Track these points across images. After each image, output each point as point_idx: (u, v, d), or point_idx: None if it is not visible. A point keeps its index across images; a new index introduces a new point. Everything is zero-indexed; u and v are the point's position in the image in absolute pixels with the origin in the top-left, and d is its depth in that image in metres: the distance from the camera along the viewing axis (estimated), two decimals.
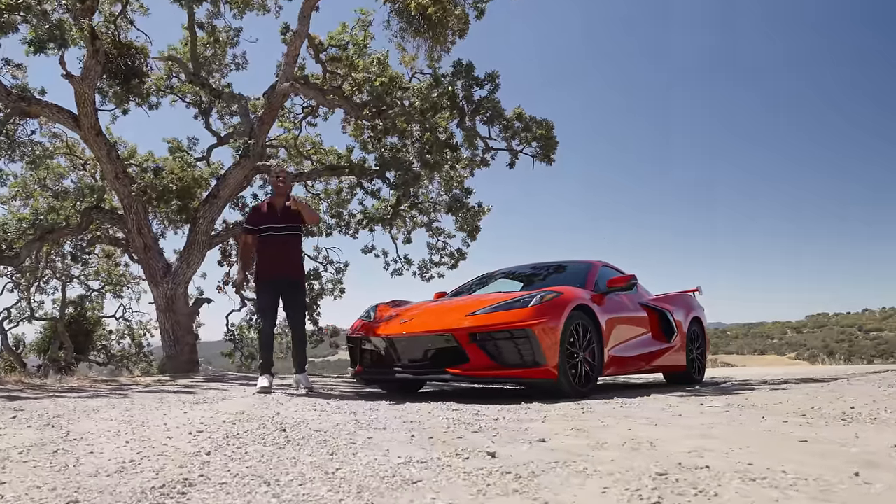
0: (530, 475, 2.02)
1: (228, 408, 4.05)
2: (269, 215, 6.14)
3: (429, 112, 9.01)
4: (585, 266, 6.69)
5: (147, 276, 10.74)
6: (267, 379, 5.82)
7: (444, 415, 3.58)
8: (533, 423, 3.22)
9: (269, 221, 6.11)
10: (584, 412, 3.70)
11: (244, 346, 14.76)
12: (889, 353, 57.88)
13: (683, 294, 7.75)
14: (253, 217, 6.30)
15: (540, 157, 9.18)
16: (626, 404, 4.22)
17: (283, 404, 4.34)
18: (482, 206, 11.82)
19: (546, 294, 5.21)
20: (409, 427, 3.04)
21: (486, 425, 3.07)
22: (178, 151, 12.74)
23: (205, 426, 3.02)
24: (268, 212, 6.18)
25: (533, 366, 4.90)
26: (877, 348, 75.96)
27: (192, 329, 11.44)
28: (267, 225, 6.11)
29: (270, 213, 6.16)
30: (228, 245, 13.66)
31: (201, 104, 12.84)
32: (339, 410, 3.86)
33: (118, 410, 3.82)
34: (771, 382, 6.96)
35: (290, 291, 6.11)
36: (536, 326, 4.91)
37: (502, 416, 3.44)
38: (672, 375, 7.32)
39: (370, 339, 5.64)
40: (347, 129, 12.25)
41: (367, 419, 3.35)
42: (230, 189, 10.73)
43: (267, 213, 6.18)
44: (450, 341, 5.09)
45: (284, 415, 3.57)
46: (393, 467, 2.10)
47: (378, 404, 4.47)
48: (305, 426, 3.02)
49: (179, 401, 4.54)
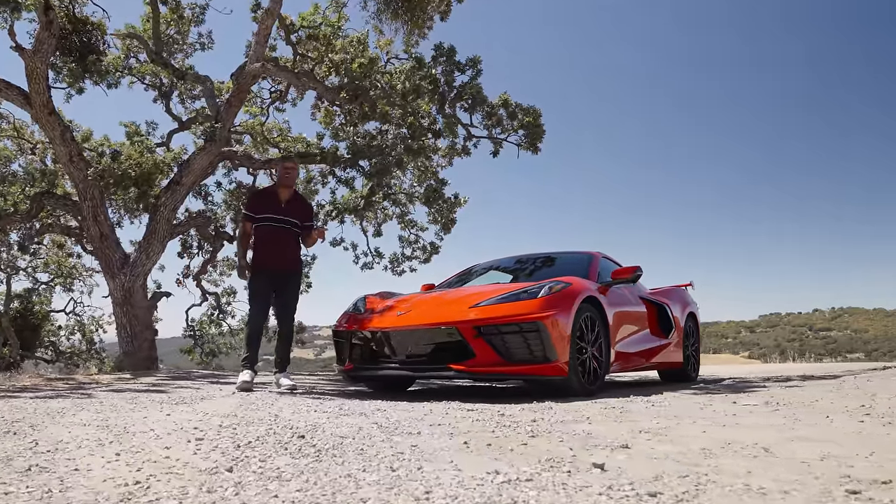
0: (685, 495, 1.61)
1: (214, 409, 3.58)
2: (272, 205, 5.69)
3: (410, 95, 8.56)
4: (586, 257, 6.34)
5: (103, 267, 10.07)
6: (249, 375, 5.35)
7: (469, 416, 3.18)
8: (581, 424, 2.84)
9: (270, 211, 5.66)
10: (623, 412, 3.34)
11: (205, 343, 14.10)
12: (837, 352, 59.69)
13: (678, 288, 7.48)
14: (254, 204, 5.81)
15: (526, 145, 8.80)
16: (655, 403, 3.88)
17: (273, 405, 3.88)
18: (458, 197, 11.44)
19: (555, 284, 4.83)
20: (445, 431, 2.62)
21: (534, 429, 2.68)
22: (136, 136, 12.03)
23: (201, 432, 2.56)
24: (270, 201, 5.72)
25: (542, 361, 4.51)
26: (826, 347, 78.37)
27: (151, 324, 10.79)
28: (268, 214, 5.66)
29: (273, 202, 5.70)
30: (189, 236, 12.99)
31: (162, 86, 12.16)
32: (346, 412, 3.41)
33: (88, 413, 3.30)
34: (777, 380, 6.75)
35: (285, 283, 5.66)
36: (546, 319, 4.52)
37: (540, 418, 3.05)
38: (668, 372, 7.04)
39: (361, 333, 5.18)
40: (317, 115, 11.73)
41: (387, 422, 2.91)
42: (194, 176, 10.11)
43: (269, 202, 5.72)
44: (453, 335, 4.66)
45: (286, 417, 3.12)
46: (496, 487, 1.66)
47: (379, 404, 4.04)
48: (323, 431, 2.57)
49: (153, 401, 4.04)
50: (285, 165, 5.78)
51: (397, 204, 12.13)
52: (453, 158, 10.06)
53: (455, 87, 9.35)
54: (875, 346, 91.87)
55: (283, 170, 5.75)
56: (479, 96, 9.00)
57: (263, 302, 5.65)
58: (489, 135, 9.51)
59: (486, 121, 9.32)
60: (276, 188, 5.80)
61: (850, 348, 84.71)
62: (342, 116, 11.30)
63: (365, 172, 10.73)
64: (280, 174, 5.79)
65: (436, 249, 12.68)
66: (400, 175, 11.69)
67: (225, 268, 14.07)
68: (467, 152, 9.57)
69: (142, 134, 12.10)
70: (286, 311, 5.67)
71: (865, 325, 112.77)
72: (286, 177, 5.72)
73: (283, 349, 5.65)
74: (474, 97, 9.12)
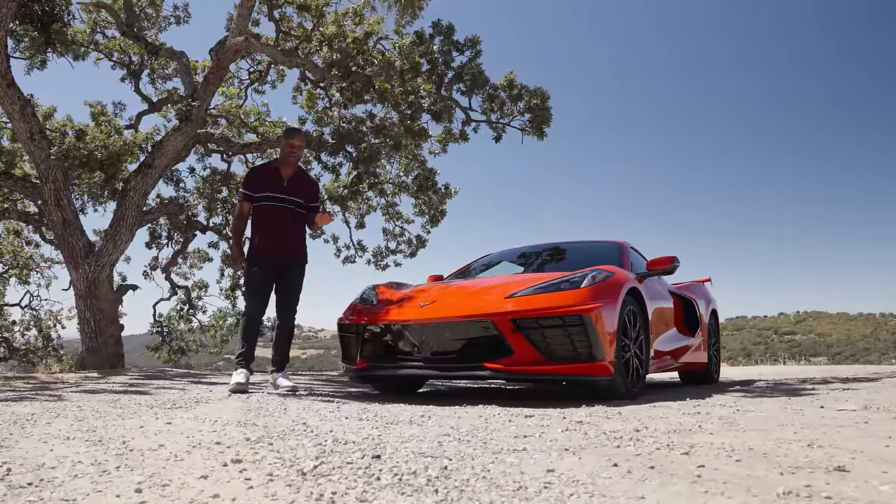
0: None
1: (218, 414, 2.94)
2: (274, 183, 5.01)
3: (408, 74, 7.94)
4: (615, 246, 5.81)
5: (65, 256, 9.24)
6: (244, 375, 4.72)
7: (549, 424, 2.60)
8: (697, 435, 2.29)
9: (272, 189, 5.00)
10: (728, 421, 2.78)
11: (173, 340, 13.26)
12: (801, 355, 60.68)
13: (700, 284, 7.01)
14: (253, 181, 5.12)
15: (531, 130, 8.25)
16: (743, 408, 3.33)
17: (287, 409, 3.25)
18: (449, 187, 10.86)
19: (597, 273, 4.28)
20: (559, 447, 2.03)
21: (669, 442, 2.11)
22: (102, 117, 11.18)
23: (230, 449, 1.94)
24: (271, 178, 5.04)
25: (587, 360, 3.94)
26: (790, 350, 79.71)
27: (117, 318, 9.99)
28: (269, 193, 5.00)
29: (275, 180, 5.03)
30: (158, 225, 12.16)
31: (131, 64, 11.31)
32: (390, 420, 2.80)
33: (67, 421, 2.64)
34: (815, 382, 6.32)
35: (289, 271, 5.01)
36: (592, 311, 3.96)
37: (643, 427, 2.47)
38: (691, 374, 6.55)
39: (376, 327, 4.55)
40: (299, 98, 11.05)
41: (464, 434, 2.31)
42: (167, 158, 9.33)
43: (270, 179, 5.04)
44: (488, 329, 4.05)
45: (319, 426, 2.51)
46: None
47: (411, 410, 3.44)
48: (395, 449, 1.96)
49: (139, 405, 3.38)
50: (291, 143, 5.04)
51: (383, 194, 11.49)
52: (448, 144, 9.44)
53: (453, 68, 8.76)
54: (838, 350, 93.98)
55: (289, 147, 5.03)
56: (481, 77, 8.42)
57: (263, 292, 4.99)
58: (488, 119, 8.94)
59: (486, 104, 8.73)
60: (277, 164, 5.14)
61: (814, 352, 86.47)
62: (327, 100, 10.64)
63: (352, 158, 10.08)
64: (284, 152, 5.07)
65: (422, 243, 12.09)
66: (385, 164, 11.07)
67: (196, 260, 13.25)
68: (465, 138, 8.97)
69: (108, 115, 11.24)
70: (289, 303, 5.01)
71: (829, 329, 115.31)
72: (292, 155, 5.05)
73: (283, 346, 5.00)
74: (474, 78, 8.53)
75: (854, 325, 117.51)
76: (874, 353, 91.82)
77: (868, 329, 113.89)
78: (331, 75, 8.13)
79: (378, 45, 8.84)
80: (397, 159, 10.88)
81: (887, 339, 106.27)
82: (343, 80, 8.05)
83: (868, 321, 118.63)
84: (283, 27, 9.79)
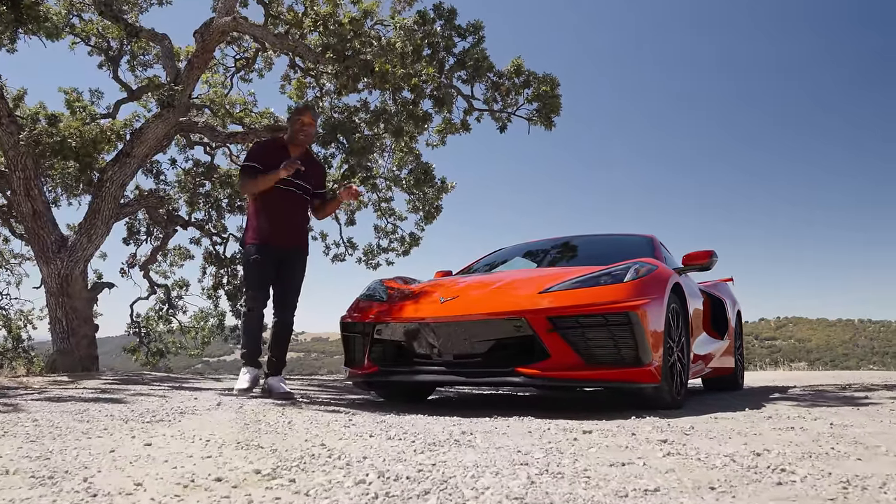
0: None
1: (210, 431, 2.38)
2: (282, 162, 4.42)
3: (409, 58, 7.39)
4: (645, 240, 5.30)
5: (35, 250, 8.60)
6: (250, 376, 4.29)
7: (618, 441, 2.08)
8: (847, 462, 1.78)
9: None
10: (851, 434, 2.27)
11: (151, 341, 12.57)
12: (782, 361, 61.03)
13: (725, 283, 6.52)
14: (260, 155, 4.55)
15: (539, 119, 7.72)
16: (833, 422, 2.83)
17: (293, 424, 2.69)
18: (446, 182, 10.31)
19: (640, 266, 3.77)
20: (682, 481, 1.53)
21: (813, 476, 1.61)
22: (77, 103, 10.50)
23: (237, 489, 1.39)
24: (280, 157, 4.46)
25: (633, 364, 3.42)
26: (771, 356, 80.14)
27: (91, 318, 9.34)
28: None
29: (283, 160, 4.43)
30: (137, 220, 11.49)
31: (109, 50, 10.64)
32: (427, 438, 2.25)
33: (14, 442, 2.06)
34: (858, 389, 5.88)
35: (290, 264, 4.49)
36: (639, 308, 3.44)
37: (767, 449, 1.95)
38: (717, 380, 6.05)
39: (388, 326, 3.99)
40: (288, 88, 10.45)
41: (532, 459, 1.79)
42: (147, 147, 8.70)
43: (279, 158, 4.46)
44: (521, 328, 3.51)
45: (343, 449, 1.96)
46: None
47: (435, 422, 2.90)
48: (475, 488, 1.43)
49: (113, 418, 2.80)
50: (302, 120, 4.53)
51: (376, 189, 10.92)
52: (447, 135, 8.88)
53: (454, 54, 8.21)
54: (817, 356, 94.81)
55: (299, 124, 4.52)
56: (485, 63, 7.88)
57: (265, 283, 4.46)
58: (490, 108, 8.40)
59: (489, 92, 8.19)
60: (285, 142, 4.59)
61: (794, 357, 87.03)
62: (318, 89, 10.06)
63: (344, 149, 9.50)
64: (294, 129, 4.55)
65: (416, 241, 11.53)
66: (378, 159, 10.51)
67: (177, 257, 12.57)
68: (467, 128, 8.42)
69: (84, 102, 10.56)
70: (288, 298, 4.46)
71: (808, 335, 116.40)
72: (302, 133, 4.50)
73: (280, 346, 4.43)
74: (477, 64, 7.99)
75: (833, 330, 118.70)
76: (853, 358, 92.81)
77: (847, 335, 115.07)
78: (325, 59, 7.55)
79: (375, 28, 8.29)
80: (391, 153, 10.33)
81: (865, 344, 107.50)
82: (338, 64, 7.47)
83: (847, 327, 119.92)
84: (273, 11, 9.21)
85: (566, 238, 5.74)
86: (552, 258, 5.40)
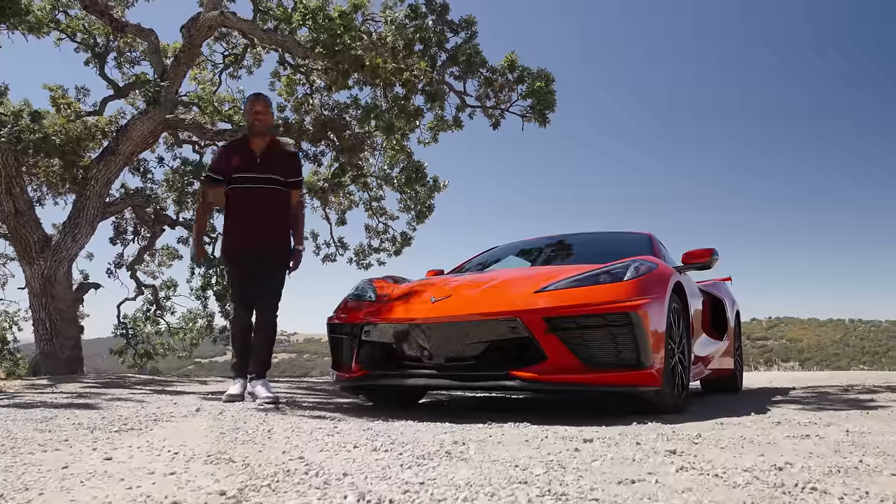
0: None
1: (182, 441, 2.21)
2: (245, 160, 4.29)
3: (401, 53, 7.22)
4: (643, 237, 5.14)
5: (18, 250, 8.41)
6: (241, 385, 4.16)
7: (622, 453, 1.92)
8: (881, 478, 1.62)
9: (243, 168, 4.27)
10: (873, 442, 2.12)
11: (139, 343, 12.36)
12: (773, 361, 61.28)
13: (723, 282, 6.37)
14: (221, 161, 4.41)
15: (533, 116, 7.56)
16: (853, 430, 2.66)
17: (273, 432, 2.53)
18: (438, 181, 10.15)
19: (640, 264, 3.60)
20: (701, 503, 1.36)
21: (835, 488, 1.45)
22: (62, 100, 10.28)
23: None
24: (243, 155, 4.32)
25: (633, 367, 3.25)
26: (763, 356, 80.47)
27: (76, 319, 9.14)
28: (241, 174, 4.28)
29: (246, 156, 4.30)
30: (124, 219, 11.28)
31: (96, 46, 10.44)
32: (415, 450, 2.08)
33: None
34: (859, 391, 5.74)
35: (268, 264, 4.28)
36: (639, 308, 3.27)
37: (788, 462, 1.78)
38: (715, 381, 5.89)
39: (377, 327, 3.81)
40: (278, 85, 10.26)
41: (532, 476, 1.62)
42: (133, 144, 8.51)
43: (242, 156, 4.32)
44: (516, 329, 3.32)
45: (318, 462, 1.79)
46: None
47: (426, 429, 2.73)
48: None
49: (79, 426, 2.62)
50: (255, 109, 4.35)
51: (367, 188, 10.74)
52: (439, 133, 8.71)
53: (447, 50, 8.04)
54: (808, 356, 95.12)
55: (252, 115, 4.33)
56: (478, 58, 7.72)
57: (245, 293, 4.33)
58: (483, 104, 8.24)
59: (482, 88, 8.03)
60: (247, 138, 4.42)
61: (785, 357, 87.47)
62: (308, 86, 9.88)
63: (334, 147, 9.32)
64: (249, 119, 4.38)
65: (408, 241, 11.37)
66: (369, 157, 10.33)
67: (164, 257, 12.37)
68: (459, 125, 8.25)
69: (69, 98, 10.34)
70: (267, 300, 4.25)
71: (800, 335, 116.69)
72: (257, 121, 4.32)
73: (263, 349, 4.24)
74: (470, 60, 7.83)
75: (824, 330, 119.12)
76: (844, 358, 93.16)
77: (838, 335, 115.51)
78: (314, 54, 7.37)
79: (366, 24, 8.11)
80: (382, 150, 10.15)
81: (856, 344, 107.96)
82: (327, 60, 7.29)
83: (838, 327, 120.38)
84: (262, 6, 9.02)
85: (562, 236, 5.57)
86: (547, 256, 5.23)
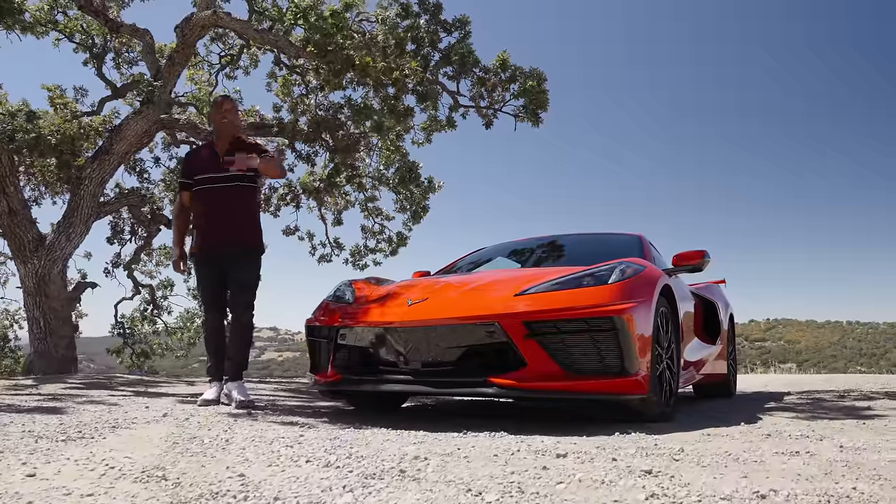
0: None
1: (126, 455, 2.14)
2: (210, 162, 4.28)
3: (392, 52, 7.14)
4: (633, 239, 5.05)
5: (12, 249, 8.41)
6: (216, 389, 4.16)
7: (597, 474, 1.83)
8: None
9: (209, 170, 4.26)
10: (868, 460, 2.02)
11: (136, 342, 12.33)
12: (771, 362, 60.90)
13: (716, 285, 6.25)
14: (189, 165, 4.45)
15: (525, 115, 7.48)
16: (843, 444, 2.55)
17: (229, 444, 2.46)
18: (433, 181, 10.06)
19: (626, 267, 3.52)
20: None
21: None
22: (59, 100, 10.24)
23: None
24: (208, 157, 4.32)
25: (618, 374, 3.16)
26: (761, 357, 79.89)
27: (71, 319, 9.12)
28: (206, 175, 4.26)
29: (211, 159, 4.29)
30: (121, 219, 11.25)
31: (93, 47, 10.42)
32: (368, 467, 1.99)
33: None
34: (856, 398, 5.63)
35: (237, 264, 4.23)
36: (624, 313, 3.18)
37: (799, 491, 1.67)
38: (708, 387, 5.77)
39: (353, 330, 3.73)
40: (274, 86, 10.20)
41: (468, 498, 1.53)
42: (127, 144, 8.50)
43: (207, 158, 4.33)
44: (494, 334, 3.23)
45: (256, 481, 1.71)
46: None
47: (394, 441, 2.65)
48: None
49: (24, 434, 2.55)
50: (222, 106, 4.36)
51: (362, 189, 10.66)
52: (433, 133, 8.64)
53: (440, 50, 7.97)
54: (806, 357, 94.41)
55: (219, 116, 4.33)
56: (471, 58, 7.64)
57: (218, 299, 4.33)
58: (476, 104, 8.16)
59: (475, 88, 7.95)
60: (212, 142, 4.39)
61: (783, 358, 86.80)
62: (303, 87, 9.82)
63: (329, 147, 9.25)
64: (215, 122, 4.39)
65: (403, 241, 11.31)
66: (365, 157, 10.25)
67: (161, 256, 12.35)
68: (452, 125, 8.18)
69: (66, 98, 10.31)
70: (238, 298, 4.20)
71: (798, 337, 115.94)
72: (223, 123, 4.31)
73: (237, 348, 4.18)
74: (463, 59, 7.75)
75: (822, 332, 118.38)
76: (841, 360, 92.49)
77: (835, 337, 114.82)
78: (306, 53, 7.31)
79: (358, 24, 8.04)
80: (377, 150, 10.08)
81: (854, 346, 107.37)
82: (319, 59, 7.22)
83: (835, 329, 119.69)
84: (257, 6, 8.96)
85: (552, 237, 5.48)
86: (537, 258, 5.15)
